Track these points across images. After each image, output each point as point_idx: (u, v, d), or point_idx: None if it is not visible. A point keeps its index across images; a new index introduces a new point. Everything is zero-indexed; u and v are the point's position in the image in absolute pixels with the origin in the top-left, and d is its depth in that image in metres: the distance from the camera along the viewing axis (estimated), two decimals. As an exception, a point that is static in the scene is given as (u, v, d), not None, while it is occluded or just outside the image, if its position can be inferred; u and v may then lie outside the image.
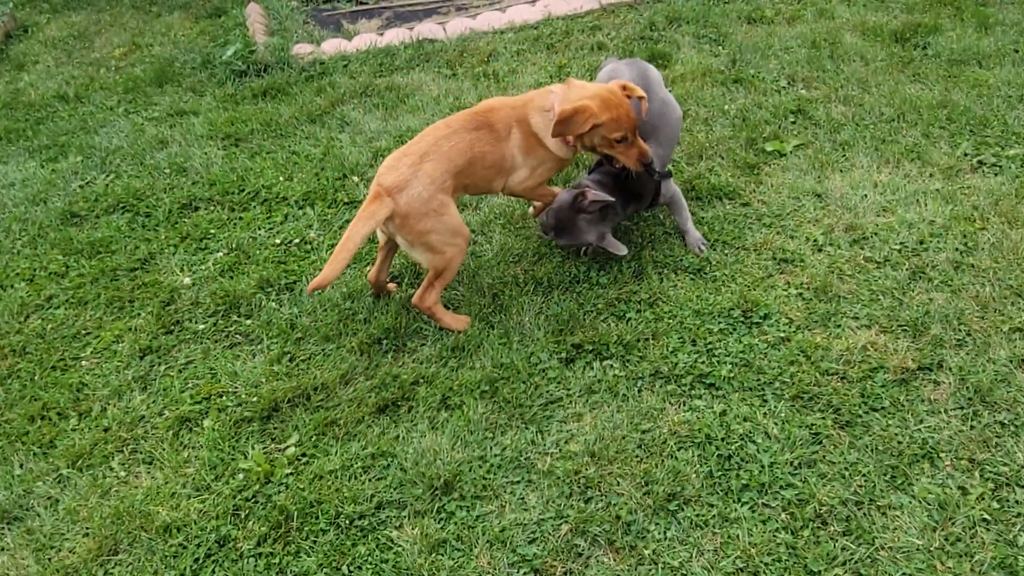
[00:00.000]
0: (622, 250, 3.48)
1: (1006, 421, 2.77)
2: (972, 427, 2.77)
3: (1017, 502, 2.53)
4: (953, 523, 2.50)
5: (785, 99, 4.68)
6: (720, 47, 5.36)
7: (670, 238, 3.74)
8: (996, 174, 3.93)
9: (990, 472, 2.62)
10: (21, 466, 3.03)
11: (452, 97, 5.14)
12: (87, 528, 2.77)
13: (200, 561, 2.62)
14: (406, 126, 4.84)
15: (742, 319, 3.28)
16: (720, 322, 3.28)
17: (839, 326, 3.21)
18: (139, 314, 3.69)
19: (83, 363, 3.47)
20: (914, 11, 5.54)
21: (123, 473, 2.96)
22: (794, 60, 5.07)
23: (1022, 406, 2.81)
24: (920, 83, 4.72)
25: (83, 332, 3.64)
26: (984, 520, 2.49)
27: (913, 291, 3.32)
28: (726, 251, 3.64)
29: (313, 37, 6.19)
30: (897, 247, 3.54)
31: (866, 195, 3.87)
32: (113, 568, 2.64)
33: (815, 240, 3.64)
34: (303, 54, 5.89)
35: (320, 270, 3.73)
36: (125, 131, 5.24)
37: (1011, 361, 2.97)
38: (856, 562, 2.42)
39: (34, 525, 2.80)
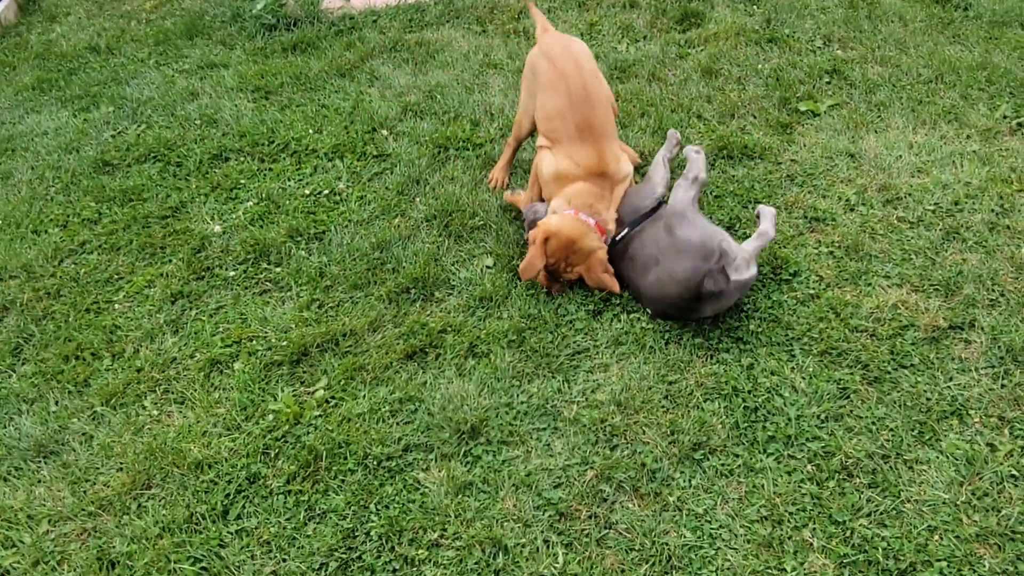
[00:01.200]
0: None
1: (1038, 380, 2.75)
2: (1003, 386, 2.75)
3: (1046, 459, 2.52)
4: (980, 478, 2.49)
5: (820, 59, 4.61)
6: (755, 6, 5.28)
7: (703, 198, 3.71)
8: (1035, 136, 3.86)
9: (1020, 430, 2.61)
10: (56, 403, 3.09)
11: (482, 54, 5.10)
12: (121, 463, 2.82)
13: (231, 496, 2.67)
14: (435, 81, 4.83)
15: (771, 275, 3.26)
16: (749, 278, 3.26)
17: (870, 284, 3.18)
18: (170, 260, 3.73)
19: (116, 306, 3.52)
20: (955, -28, 5.41)
21: (155, 412, 3.01)
22: (830, 20, 4.99)
23: (1055, 366, 2.79)
24: (960, 44, 4.63)
25: (116, 276, 3.69)
26: (1012, 476, 2.49)
27: (946, 251, 3.29)
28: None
29: (343, -8, 6.15)
30: (931, 207, 3.50)
31: (901, 156, 3.81)
32: (146, 501, 2.69)
33: (847, 199, 3.60)
34: (333, 8, 5.87)
35: (350, 220, 3.77)
36: (156, 83, 5.26)
37: (1045, 322, 2.94)
38: (881, 513, 2.43)
39: (69, 459, 2.87)
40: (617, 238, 3.30)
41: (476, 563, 2.41)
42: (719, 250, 2.94)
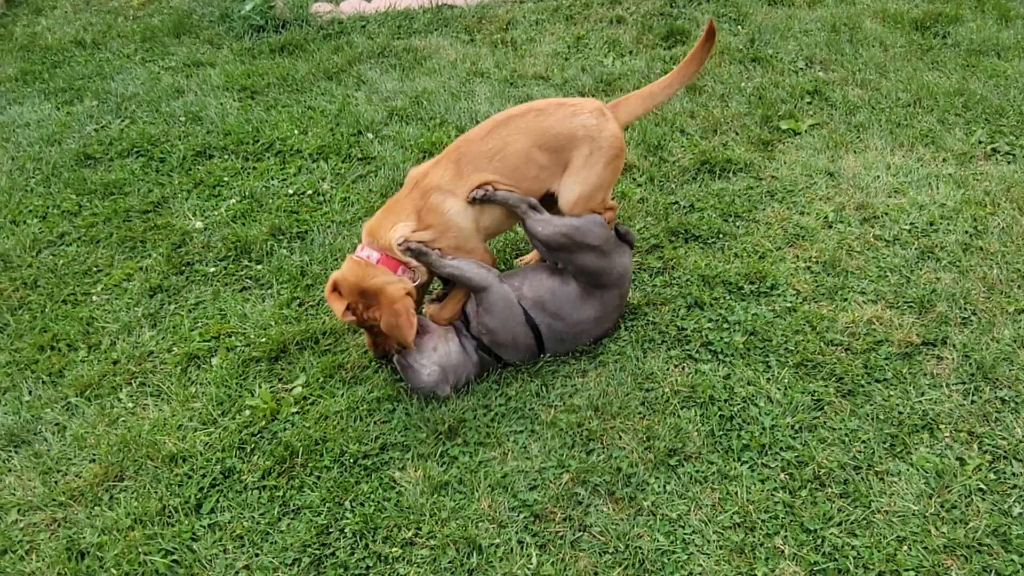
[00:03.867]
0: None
1: (1007, 398, 2.80)
2: (973, 401, 2.80)
3: (1014, 474, 2.56)
4: (949, 491, 2.53)
5: (802, 80, 4.69)
6: (740, 26, 5.36)
7: (684, 211, 3.76)
8: (1009, 162, 3.94)
9: (988, 445, 2.65)
10: (30, 393, 3.06)
11: (469, 62, 5.14)
12: (94, 454, 2.80)
13: (205, 490, 2.65)
14: (422, 87, 4.86)
15: (750, 289, 3.30)
16: (728, 290, 3.30)
17: (846, 300, 3.23)
18: (150, 254, 3.71)
19: (93, 298, 3.49)
20: (936, 0, 5.53)
21: (131, 404, 2.99)
22: (813, 43, 5.07)
23: (1023, 384, 2.84)
24: (938, 71, 4.73)
25: (94, 269, 3.66)
26: (980, 490, 2.53)
27: (921, 270, 3.34)
28: (737, 223, 3.66)
29: (332, -3, 6.18)
30: (907, 227, 3.56)
31: (879, 176, 3.88)
32: (119, 493, 2.67)
33: (826, 216, 3.65)
34: (322, 12, 5.89)
35: (332, 221, 3.77)
36: (141, 79, 5.24)
37: (1015, 341, 3.00)
38: (852, 523, 2.46)
39: (41, 449, 2.84)
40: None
41: (450, 562, 2.41)
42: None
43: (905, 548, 2.39)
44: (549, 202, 3.00)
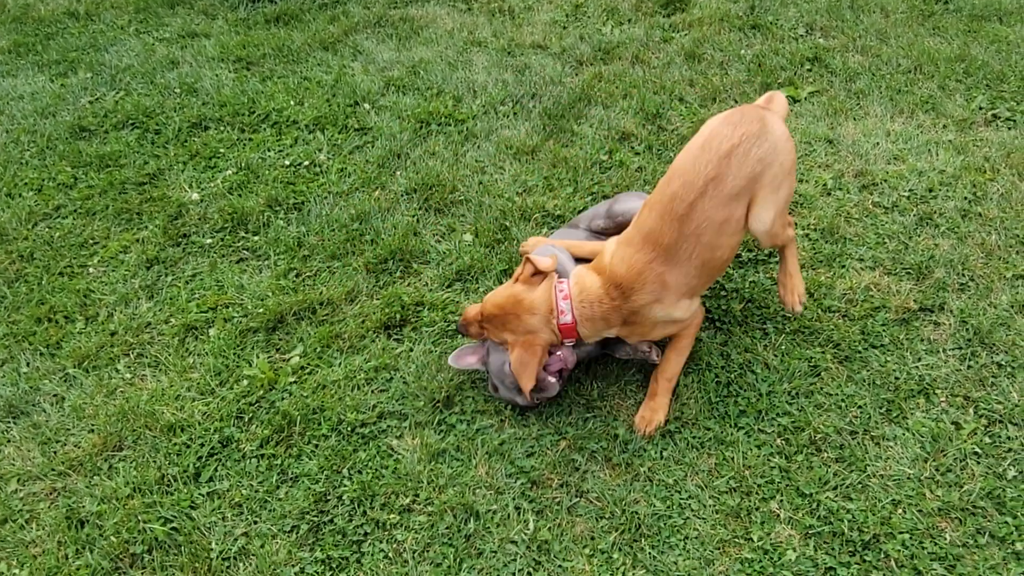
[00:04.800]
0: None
1: (1003, 362, 2.80)
2: (969, 367, 2.80)
3: (1009, 438, 2.57)
4: (945, 455, 2.54)
5: (802, 47, 4.64)
6: (739, -7, 5.30)
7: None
8: (1010, 128, 3.91)
9: (984, 409, 2.66)
10: (28, 364, 3.07)
11: (466, 31, 5.09)
12: (92, 425, 2.81)
13: (203, 459, 2.67)
14: (419, 57, 4.81)
15: (748, 256, 3.29)
16: (725, 258, 3.29)
17: (843, 266, 3.22)
18: (147, 226, 3.70)
19: (90, 270, 3.49)
20: (937, -34, 5.46)
21: (129, 375, 3.00)
22: (813, 9, 5.02)
23: (1020, 349, 2.84)
24: (939, 36, 4.68)
25: (90, 241, 3.65)
26: (975, 454, 2.54)
27: (919, 236, 3.33)
28: (735, 191, 3.64)
29: (328, -34, 6.10)
30: (906, 194, 3.54)
31: (878, 143, 3.85)
32: (118, 463, 2.68)
33: (824, 184, 3.63)
34: (317, -18, 5.82)
35: (329, 192, 3.76)
36: (135, 50, 5.20)
37: (1012, 306, 2.99)
38: (848, 487, 2.47)
39: (40, 420, 2.85)
40: None
41: (447, 528, 2.43)
42: None
43: (900, 511, 2.40)
44: None
